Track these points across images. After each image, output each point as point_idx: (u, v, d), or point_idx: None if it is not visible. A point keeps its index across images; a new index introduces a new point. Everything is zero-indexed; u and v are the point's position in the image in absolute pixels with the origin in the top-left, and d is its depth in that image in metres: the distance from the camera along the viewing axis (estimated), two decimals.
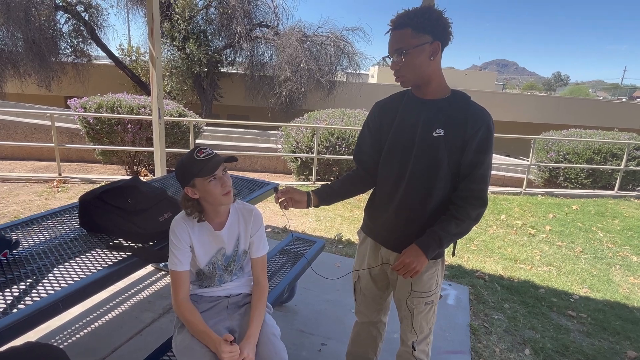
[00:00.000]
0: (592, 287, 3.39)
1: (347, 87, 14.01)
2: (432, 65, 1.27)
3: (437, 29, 1.23)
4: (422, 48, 1.23)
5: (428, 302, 1.44)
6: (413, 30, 1.22)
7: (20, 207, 4.23)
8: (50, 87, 12.38)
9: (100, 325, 2.22)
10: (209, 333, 1.32)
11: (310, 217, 4.64)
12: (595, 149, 6.96)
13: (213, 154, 1.34)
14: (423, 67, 1.26)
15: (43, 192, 4.85)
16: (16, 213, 4.05)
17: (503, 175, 8.14)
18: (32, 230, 1.69)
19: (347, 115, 6.91)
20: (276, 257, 2.39)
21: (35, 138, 7.20)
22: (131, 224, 1.61)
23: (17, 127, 7.24)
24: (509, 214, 5.27)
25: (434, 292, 1.45)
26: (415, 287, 1.43)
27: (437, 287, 1.46)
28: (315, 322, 2.39)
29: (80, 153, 7.17)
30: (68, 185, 5.21)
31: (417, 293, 1.43)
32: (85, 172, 6.47)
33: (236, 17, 12.71)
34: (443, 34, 1.24)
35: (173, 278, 1.40)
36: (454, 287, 3.03)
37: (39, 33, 11.11)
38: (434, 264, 1.42)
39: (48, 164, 6.68)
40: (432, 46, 1.24)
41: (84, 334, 2.13)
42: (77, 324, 2.19)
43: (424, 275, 1.41)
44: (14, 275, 1.31)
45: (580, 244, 4.41)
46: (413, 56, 1.24)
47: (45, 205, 4.36)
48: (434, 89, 1.32)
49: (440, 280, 1.47)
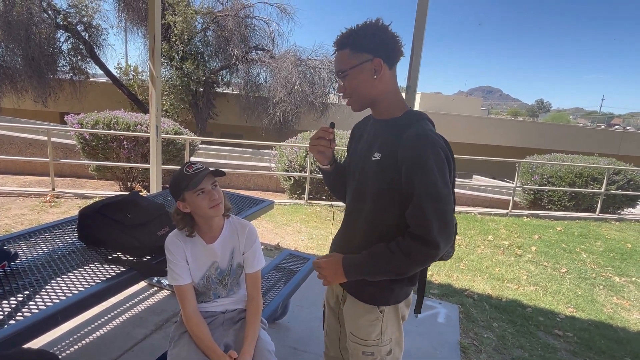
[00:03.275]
0: (578, 306, 3.42)
1: (339, 109, 14.22)
2: (377, 84, 1.16)
3: (375, 45, 1.13)
4: (360, 68, 1.14)
5: (366, 352, 1.23)
6: (351, 50, 1.14)
7: (11, 222, 4.15)
8: (46, 103, 12.35)
9: (91, 340, 2.16)
10: (214, 349, 1.33)
11: (302, 235, 4.63)
12: (577, 172, 7.14)
13: (202, 169, 1.35)
14: (367, 88, 1.16)
15: (36, 206, 4.78)
16: (7, 227, 3.97)
17: (489, 197, 8.27)
18: (30, 243, 1.68)
19: (340, 136, 7.00)
20: (270, 274, 2.39)
21: (30, 153, 7.13)
22: (130, 237, 1.60)
23: (12, 141, 7.17)
24: (496, 235, 5.34)
25: (374, 344, 1.22)
26: (351, 328, 1.27)
27: (382, 339, 1.23)
28: (308, 340, 2.37)
29: (74, 168, 7.10)
30: (61, 200, 5.14)
31: (353, 337, 1.25)
32: (78, 187, 6.39)
33: (233, 40, 12.98)
34: (384, 50, 1.14)
35: (177, 293, 1.41)
36: (444, 306, 3.03)
37: (38, 50, 11.16)
38: (370, 311, 1.22)
39: (41, 178, 6.59)
40: (373, 64, 1.13)
41: (75, 350, 2.07)
42: (67, 339, 2.14)
43: (360, 319, 1.23)
44: (11, 287, 1.30)
45: (565, 264, 4.47)
46: (352, 77, 1.15)
47: (37, 220, 4.29)
48: (385, 108, 1.20)
49: (389, 333, 1.24)
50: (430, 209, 1.04)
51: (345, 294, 1.31)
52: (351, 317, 1.27)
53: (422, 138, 1.08)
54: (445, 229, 1.05)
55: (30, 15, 10.96)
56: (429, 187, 1.05)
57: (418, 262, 1.09)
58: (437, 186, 1.05)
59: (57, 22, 11.81)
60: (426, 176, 1.05)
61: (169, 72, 13.32)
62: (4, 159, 6.69)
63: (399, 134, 1.12)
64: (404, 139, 1.10)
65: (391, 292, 1.21)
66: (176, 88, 13.14)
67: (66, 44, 12.45)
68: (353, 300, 1.26)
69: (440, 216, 1.05)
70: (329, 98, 14.63)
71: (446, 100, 26.62)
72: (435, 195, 1.05)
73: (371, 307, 1.22)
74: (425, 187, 1.05)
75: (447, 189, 1.07)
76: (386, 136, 1.17)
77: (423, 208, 1.05)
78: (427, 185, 1.05)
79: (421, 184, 1.05)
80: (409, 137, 1.09)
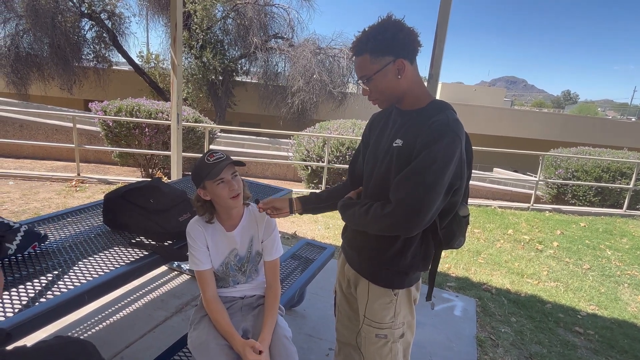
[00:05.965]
0: (600, 304, 3.34)
1: (358, 99, 14.08)
2: (402, 82, 1.17)
3: (395, 46, 1.13)
4: (384, 71, 1.14)
5: (380, 335, 1.27)
6: (371, 56, 1.14)
7: (40, 205, 4.32)
8: (71, 91, 12.70)
9: (114, 321, 2.25)
10: (233, 334, 1.36)
11: (319, 225, 4.65)
12: (604, 167, 6.88)
13: (223, 158, 1.36)
14: (392, 88, 1.17)
15: (62, 190, 4.95)
16: (37, 210, 4.14)
17: (510, 191, 8.09)
18: (58, 225, 1.74)
19: (358, 126, 6.96)
20: (288, 262, 2.41)
21: (56, 139, 7.36)
22: (152, 222, 1.65)
23: (39, 127, 7.42)
24: (516, 229, 5.23)
25: (387, 327, 1.26)
26: (364, 311, 1.30)
27: (395, 322, 1.27)
28: (324, 327, 2.40)
29: (98, 154, 7.31)
30: (86, 185, 5.31)
31: (367, 320, 1.29)
32: (102, 173, 6.59)
33: (252, 28, 12.95)
34: (406, 49, 1.14)
35: (198, 278, 1.44)
36: (461, 299, 3.01)
37: (64, 38, 11.44)
38: (385, 294, 1.26)
39: (67, 164, 6.82)
40: (395, 65, 1.14)
41: (98, 330, 2.16)
42: (91, 319, 2.22)
43: (375, 303, 1.27)
44: (42, 267, 1.36)
45: (588, 261, 4.35)
46: (378, 81, 1.16)
47: (64, 204, 4.44)
48: (410, 101, 1.21)
49: (401, 316, 1.27)
50: (413, 186, 1.06)
51: (358, 278, 1.33)
52: (365, 300, 1.30)
53: (444, 126, 1.09)
54: (413, 215, 1.07)
55: (55, 3, 11.22)
56: (423, 169, 1.06)
57: (384, 227, 1.13)
58: (430, 170, 1.05)
59: (82, 10, 12.05)
60: (427, 156, 1.06)
61: (189, 60, 13.43)
62: (32, 144, 6.93)
63: (424, 123, 1.13)
64: (427, 126, 1.11)
65: (406, 275, 1.26)
66: (195, 77, 13.26)
67: (90, 32, 12.73)
68: (366, 283, 1.29)
69: (415, 200, 1.06)
70: (348, 87, 14.48)
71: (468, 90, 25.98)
72: (422, 179, 1.06)
73: (385, 290, 1.26)
74: (421, 165, 1.07)
75: (441, 179, 1.06)
76: (411, 124, 1.18)
77: (405, 184, 1.08)
78: (424, 165, 1.06)
79: (419, 161, 1.07)
80: (431, 125, 1.10)
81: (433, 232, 1.21)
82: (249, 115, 16.26)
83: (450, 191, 1.11)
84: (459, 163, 1.09)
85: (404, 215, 1.07)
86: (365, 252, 1.28)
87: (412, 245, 1.21)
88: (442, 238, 1.21)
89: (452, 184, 1.10)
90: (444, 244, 1.24)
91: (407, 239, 1.20)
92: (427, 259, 1.25)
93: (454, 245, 1.24)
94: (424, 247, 1.23)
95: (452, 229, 1.20)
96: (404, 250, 1.21)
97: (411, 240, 1.20)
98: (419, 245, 1.22)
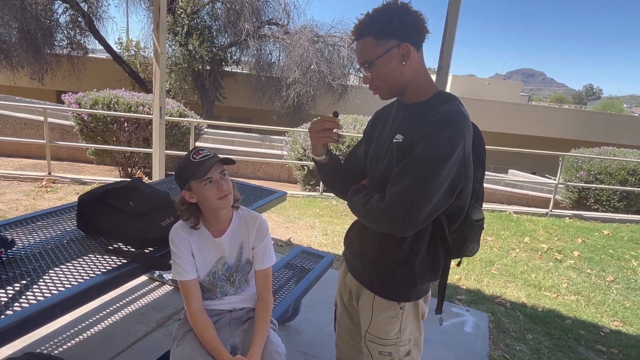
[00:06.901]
0: (625, 320, 3.36)
1: (360, 92, 14.11)
2: (407, 70, 1.17)
3: (401, 29, 1.13)
4: (387, 56, 1.14)
5: (384, 352, 1.27)
6: (374, 39, 1.14)
7: (6, 207, 4.31)
8: (43, 81, 12.64)
9: (89, 336, 2.24)
10: (220, 350, 1.36)
11: (316, 231, 4.66)
12: (630, 169, 6.93)
13: (210, 155, 1.36)
14: (396, 76, 1.18)
15: (31, 191, 4.93)
16: (2, 213, 4.12)
17: (527, 194, 8.13)
18: (26, 230, 1.74)
19: (360, 122, 6.98)
20: (281, 271, 2.41)
21: (25, 134, 7.34)
22: (132, 227, 1.64)
23: (7, 121, 7.40)
24: (533, 237, 5.25)
25: (392, 343, 1.26)
26: (367, 326, 1.30)
27: (401, 338, 1.26)
28: (320, 345, 2.40)
29: (71, 151, 7.29)
30: (58, 186, 5.29)
31: (370, 336, 1.29)
32: (76, 172, 6.57)
33: (244, 13, 12.95)
34: (412, 33, 1.15)
35: (182, 289, 1.44)
36: (472, 314, 3.02)
37: (34, 23, 11.38)
38: (390, 307, 1.25)
39: (37, 161, 6.80)
40: (400, 50, 1.14)
41: (71, 346, 2.15)
42: (63, 334, 2.22)
43: (378, 316, 1.27)
44: (8, 275, 1.35)
45: (611, 272, 4.38)
46: (380, 67, 1.16)
47: (33, 206, 4.43)
48: (414, 93, 1.22)
49: (408, 332, 1.27)
50: (404, 185, 1.07)
51: (361, 289, 1.33)
52: (368, 314, 1.29)
53: (444, 118, 1.10)
54: (404, 213, 1.08)
55: None
56: (418, 164, 1.07)
57: (374, 219, 1.17)
58: (425, 166, 1.06)
59: None
60: (423, 151, 1.07)
61: (173, 48, 13.42)
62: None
63: (425, 116, 1.13)
64: (427, 119, 1.12)
65: (413, 286, 1.24)
66: (180, 66, 13.25)
67: (64, 15, 12.69)
68: (370, 295, 1.29)
69: (407, 197, 1.07)
70: (349, 79, 14.52)
71: (481, 83, 26.13)
72: (415, 175, 1.07)
73: (390, 302, 1.25)
74: (417, 160, 1.07)
75: (437, 176, 1.05)
76: (412, 118, 1.18)
77: (398, 180, 1.09)
78: (419, 160, 1.07)
79: (414, 156, 1.08)
80: (431, 118, 1.11)
81: (442, 237, 1.20)
82: (239, 110, 16.26)
83: (453, 192, 1.10)
84: (461, 161, 1.08)
85: (395, 212, 1.09)
86: (369, 260, 1.28)
87: (419, 251, 1.21)
88: (451, 244, 1.21)
89: (454, 184, 1.09)
90: (454, 250, 1.23)
91: (414, 245, 1.20)
92: (436, 268, 1.25)
93: (465, 252, 1.24)
94: (431, 254, 1.23)
95: (463, 234, 1.21)
96: (410, 258, 1.20)
97: (418, 246, 1.20)
98: (427, 252, 1.22)
